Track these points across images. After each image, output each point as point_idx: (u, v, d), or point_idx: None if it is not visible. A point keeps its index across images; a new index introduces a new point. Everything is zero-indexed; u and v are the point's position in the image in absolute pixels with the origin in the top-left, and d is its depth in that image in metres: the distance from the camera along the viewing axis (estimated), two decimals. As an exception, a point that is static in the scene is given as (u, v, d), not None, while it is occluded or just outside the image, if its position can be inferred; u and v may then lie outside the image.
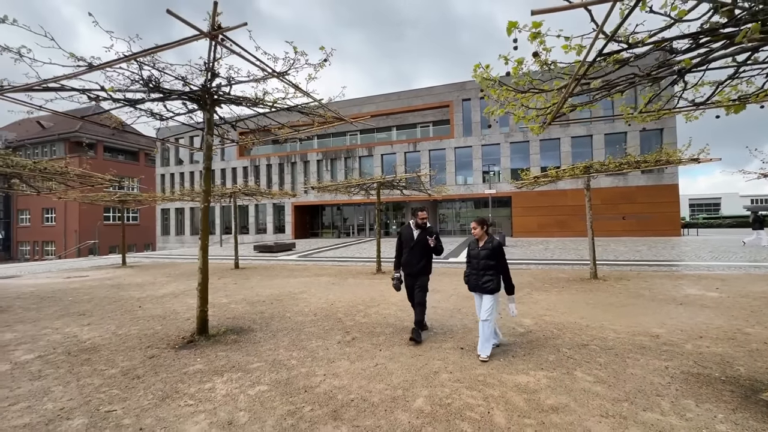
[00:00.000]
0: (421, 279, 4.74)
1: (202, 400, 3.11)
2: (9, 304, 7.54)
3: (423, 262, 4.74)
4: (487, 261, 4.00)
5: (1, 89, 3.81)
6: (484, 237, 4.13)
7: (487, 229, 4.14)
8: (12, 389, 3.42)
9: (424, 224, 4.80)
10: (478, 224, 4.12)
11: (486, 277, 4.01)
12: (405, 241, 4.86)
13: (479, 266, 4.05)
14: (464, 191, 26.44)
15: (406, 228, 4.95)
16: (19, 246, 38.59)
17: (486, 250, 4.03)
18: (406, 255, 4.81)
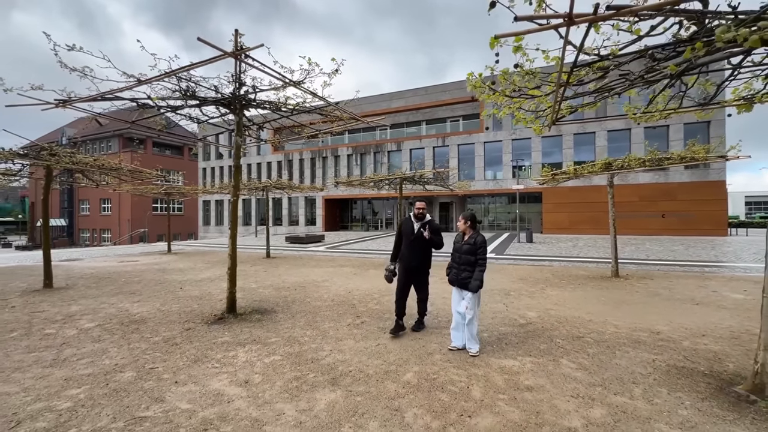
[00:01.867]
0: (420, 276, 4.69)
1: (226, 364, 3.69)
2: (74, 283, 8.69)
3: (422, 256, 4.64)
4: (468, 256, 3.98)
5: (70, 100, 4.56)
6: (470, 232, 4.13)
7: (473, 225, 4.14)
8: (78, 348, 4.19)
9: (423, 215, 4.66)
10: (464, 218, 4.15)
11: (465, 273, 3.98)
12: (405, 234, 4.73)
13: (460, 260, 4.05)
14: (493, 186, 26.15)
15: (406, 221, 4.80)
16: (80, 233, 42.56)
17: (468, 245, 4.02)
18: (405, 248, 4.68)
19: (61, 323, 5.24)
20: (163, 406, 2.88)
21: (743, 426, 2.62)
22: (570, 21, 2.17)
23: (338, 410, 2.82)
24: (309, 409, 2.83)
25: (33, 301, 6.70)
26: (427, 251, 4.70)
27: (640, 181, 22.18)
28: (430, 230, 4.58)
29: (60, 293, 7.45)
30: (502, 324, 5.16)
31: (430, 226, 4.61)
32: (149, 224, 38.24)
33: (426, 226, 4.60)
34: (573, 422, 2.68)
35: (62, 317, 5.57)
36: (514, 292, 7.46)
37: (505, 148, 25.75)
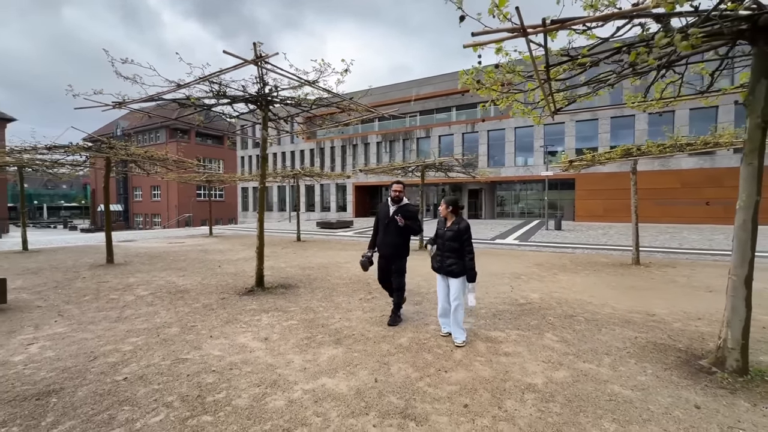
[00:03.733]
0: (397, 262, 4.38)
1: (251, 325, 4.39)
2: (130, 260, 9.95)
3: (398, 242, 4.35)
4: (451, 243, 3.84)
5: (124, 102, 5.38)
6: (452, 218, 3.97)
7: (456, 210, 3.99)
8: (136, 310, 5.08)
9: (400, 198, 4.35)
10: (445, 204, 3.99)
11: (450, 260, 3.84)
12: (381, 218, 4.46)
13: (444, 247, 3.91)
14: (524, 173, 25.67)
15: (383, 204, 4.51)
16: (135, 217, 46.42)
17: (451, 232, 3.86)
18: (380, 233, 4.44)
19: (122, 291, 6.24)
20: (200, 352, 3.60)
21: (692, 391, 2.91)
22: (524, 32, 2.52)
23: (337, 361, 3.41)
24: (313, 360, 3.44)
25: (99, 274, 7.87)
26: (403, 236, 4.39)
27: (682, 166, 20.95)
28: (404, 216, 4.30)
29: (120, 268, 8.64)
30: (502, 303, 5.54)
31: (406, 211, 4.34)
32: (194, 210, 41.02)
33: (401, 212, 4.32)
34: (535, 380, 3.09)
35: (123, 286, 6.59)
36: (524, 276, 7.73)
37: (537, 134, 25.08)
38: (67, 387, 2.90)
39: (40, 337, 4.00)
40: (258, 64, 4.27)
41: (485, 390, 2.91)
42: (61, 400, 2.69)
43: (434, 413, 2.58)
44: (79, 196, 75.78)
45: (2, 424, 2.40)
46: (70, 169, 12.04)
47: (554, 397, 2.81)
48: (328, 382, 3.01)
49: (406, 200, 4.44)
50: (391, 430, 2.38)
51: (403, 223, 4.27)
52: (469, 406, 2.67)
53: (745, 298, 3.09)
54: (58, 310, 5.06)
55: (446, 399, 2.77)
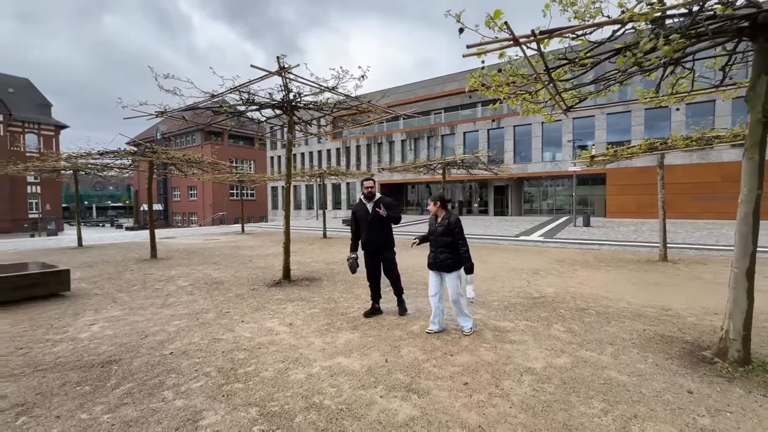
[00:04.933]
0: (386, 255, 4.56)
1: (277, 312, 4.84)
2: (171, 255, 10.80)
3: (384, 234, 4.52)
4: (443, 238, 3.90)
5: (166, 112, 5.98)
6: (442, 213, 4.03)
7: (444, 206, 4.05)
8: (178, 298, 5.67)
9: (372, 195, 4.54)
10: (433, 200, 4.05)
11: (443, 255, 3.91)
12: (360, 219, 4.58)
13: (436, 243, 3.97)
14: (551, 168, 25.09)
15: (358, 204, 4.65)
16: (174, 216, 49.16)
17: (442, 227, 3.93)
18: (365, 233, 4.54)
19: (165, 282, 6.91)
20: (233, 334, 4.07)
21: (689, 378, 3.03)
22: (516, 42, 2.75)
23: (352, 344, 3.76)
24: (332, 342, 3.81)
25: (144, 267, 8.67)
26: (386, 229, 4.56)
27: (724, 158, 19.80)
28: (385, 207, 4.43)
29: (162, 262, 9.44)
30: (516, 297, 5.70)
31: (384, 203, 4.49)
32: (227, 208, 42.95)
33: (380, 205, 4.45)
34: (535, 365, 3.31)
35: (165, 278, 7.28)
36: (543, 271, 7.79)
37: (566, 128, 24.44)
38: (124, 358, 3.42)
39: (100, 319, 4.63)
40: (282, 74, 4.70)
41: (486, 371, 3.17)
42: (120, 368, 3.21)
43: (436, 389, 2.87)
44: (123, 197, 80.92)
45: (77, 383, 2.92)
46: (117, 172, 13.16)
47: (550, 380, 3.02)
48: (343, 361, 3.37)
49: (378, 195, 4.62)
50: (395, 400, 2.70)
51: (386, 213, 4.36)
52: (468, 384, 2.94)
53: (747, 290, 3.16)
54: (113, 298, 5.73)
55: (448, 378, 3.05)
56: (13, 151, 35.43)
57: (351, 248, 4.71)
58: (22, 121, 39.79)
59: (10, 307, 5.20)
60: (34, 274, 5.77)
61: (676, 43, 2.40)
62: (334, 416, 2.49)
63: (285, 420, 2.44)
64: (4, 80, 41.29)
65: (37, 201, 41.19)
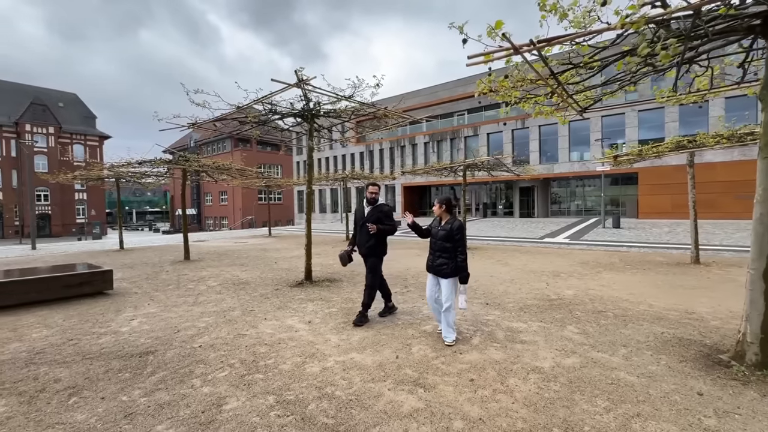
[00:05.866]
0: (370, 260, 4.54)
1: (298, 311, 5.10)
2: (203, 257, 11.41)
3: (372, 242, 4.46)
4: (443, 243, 3.78)
5: (197, 123, 6.43)
6: (446, 217, 3.91)
7: (450, 209, 3.91)
8: (207, 297, 6.07)
9: (374, 200, 4.57)
10: (439, 203, 3.92)
11: (441, 260, 3.79)
12: (357, 220, 4.64)
13: (435, 247, 3.88)
14: (579, 168, 24.36)
15: (359, 206, 4.71)
16: (206, 220, 51.33)
17: (444, 231, 3.81)
18: (358, 235, 4.60)
19: (196, 282, 7.38)
20: (256, 330, 4.35)
21: (701, 381, 3.00)
22: (516, 51, 2.86)
23: (366, 341, 3.94)
24: (347, 339, 4.02)
25: (178, 268, 9.25)
26: (377, 237, 4.51)
27: None
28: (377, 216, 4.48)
29: (195, 263, 10.02)
30: (532, 299, 5.70)
31: (379, 211, 4.52)
32: (255, 212, 44.41)
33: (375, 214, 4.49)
34: (544, 364, 3.36)
35: (197, 278, 7.76)
36: (564, 274, 7.69)
37: (594, 127, 23.67)
38: (159, 350, 3.77)
39: (138, 315, 5.05)
40: (300, 86, 4.99)
41: (493, 369, 3.26)
42: (155, 358, 3.54)
43: (442, 383, 3.00)
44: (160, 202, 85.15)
45: (119, 370, 3.27)
46: (155, 179, 14.05)
47: (557, 378, 3.08)
48: (356, 356, 3.56)
49: (381, 200, 4.65)
50: (402, 393, 2.85)
51: (374, 230, 4.33)
52: (474, 381, 3.05)
53: (764, 291, 3.10)
54: (150, 296, 6.21)
55: (455, 374, 3.17)
56: (62, 161, 38.29)
57: (350, 241, 4.85)
58: (70, 133, 42.92)
59: (62, 303, 5.76)
60: (82, 274, 6.35)
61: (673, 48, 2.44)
62: (343, 405, 2.68)
63: (299, 407, 2.66)
64: (55, 95, 44.71)
65: (83, 207, 44.22)
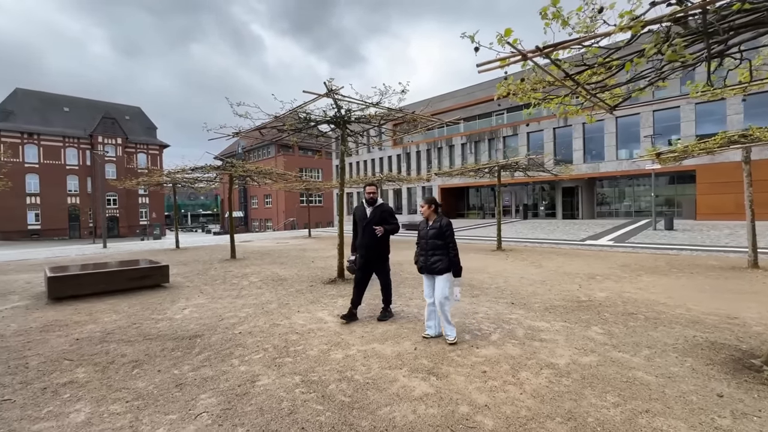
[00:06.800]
0: (379, 262, 4.61)
1: (328, 305, 5.47)
2: (247, 256, 12.26)
3: (377, 241, 4.52)
4: (435, 241, 3.92)
5: (240, 133, 7.05)
6: (433, 216, 4.04)
7: (437, 209, 4.07)
8: (249, 291, 6.62)
9: (374, 200, 4.59)
10: (426, 203, 4.07)
11: (434, 258, 3.91)
12: (359, 221, 4.63)
13: (427, 246, 3.97)
14: (627, 167, 22.95)
15: (359, 206, 4.70)
16: (252, 221, 54.19)
17: (434, 230, 3.95)
18: (360, 236, 4.59)
19: (240, 278, 8.03)
20: (290, 321, 4.76)
21: (725, 383, 2.93)
22: (524, 57, 2.99)
23: (388, 334, 4.19)
24: (370, 331, 4.29)
25: (225, 265, 10.05)
26: (383, 236, 4.57)
27: None
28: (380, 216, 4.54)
29: (240, 261, 10.82)
30: (561, 300, 5.65)
31: (381, 211, 4.57)
32: (297, 214, 46.22)
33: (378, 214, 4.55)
34: (560, 361, 3.42)
35: (241, 275, 8.43)
36: (600, 276, 7.46)
37: (644, 122, 22.22)
38: (205, 334, 4.26)
39: (189, 305, 5.67)
40: (330, 96, 5.37)
41: (507, 363, 3.38)
42: (202, 341, 4.03)
43: (454, 373, 3.18)
44: (212, 205, 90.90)
45: (172, 350, 3.79)
46: (206, 184, 15.26)
47: (570, 374, 3.14)
48: (377, 347, 3.82)
49: (380, 200, 4.68)
50: (415, 380, 3.07)
51: (381, 232, 4.41)
52: (486, 372, 3.20)
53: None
54: (200, 289, 6.89)
55: (469, 366, 3.33)
56: (128, 168, 42.29)
57: (351, 249, 4.83)
58: (135, 143, 47.29)
59: (127, 293, 6.56)
60: (144, 269, 7.17)
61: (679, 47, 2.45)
62: (360, 387, 2.95)
63: (321, 386, 2.96)
64: (122, 109, 49.52)
65: (146, 210, 48.46)
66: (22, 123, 39.96)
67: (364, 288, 4.68)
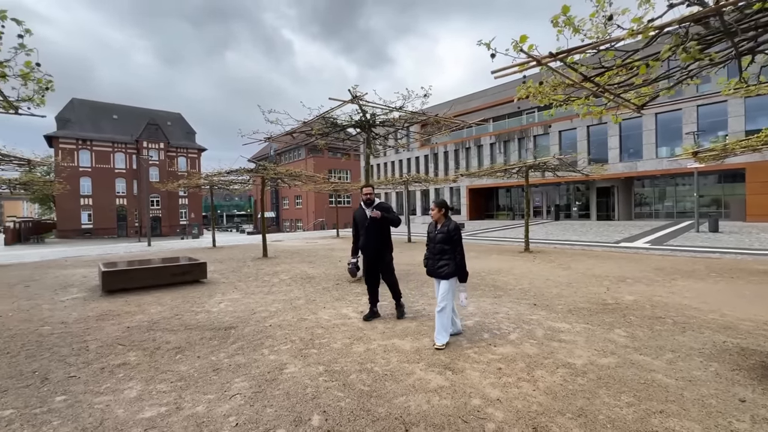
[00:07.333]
0: (383, 262, 4.73)
1: (353, 302, 5.70)
2: (278, 255, 12.79)
3: (381, 239, 4.65)
4: (442, 245, 3.90)
5: (272, 138, 7.46)
6: (442, 219, 4.02)
7: (446, 212, 4.04)
8: (279, 288, 6.99)
9: (371, 201, 4.69)
10: (437, 206, 4.04)
11: (441, 262, 3.89)
12: (359, 222, 4.73)
13: (435, 250, 3.96)
14: (668, 166, 21.76)
15: (358, 209, 4.83)
16: (283, 222, 55.84)
17: (442, 234, 3.92)
18: (363, 237, 4.70)
19: (271, 275, 8.45)
20: (316, 316, 5.03)
21: (749, 389, 2.87)
22: (539, 63, 3.07)
23: (409, 330, 4.36)
24: (392, 328, 4.48)
25: (258, 264, 10.57)
26: (384, 234, 4.71)
27: None
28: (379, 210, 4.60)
29: (271, 260, 11.33)
30: (585, 302, 5.58)
31: (380, 209, 4.64)
32: (326, 215, 47.17)
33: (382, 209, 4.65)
34: (577, 361, 3.45)
35: (272, 272, 8.87)
36: (631, 279, 7.24)
37: (687, 118, 20.98)
38: (239, 326, 4.61)
39: (225, 299, 6.09)
40: (355, 102, 5.61)
41: (522, 361, 3.45)
42: (236, 332, 4.38)
43: (470, 369, 3.30)
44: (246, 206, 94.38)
45: (210, 339, 4.15)
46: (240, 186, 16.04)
47: (586, 374, 3.17)
48: (397, 342, 4.00)
49: (378, 200, 4.82)
50: (431, 374, 3.22)
51: (380, 215, 4.52)
52: (501, 369, 3.29)
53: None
54: (234, 285, 7.34)
55: (485, 363, 3.44)
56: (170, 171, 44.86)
57: (352, 252, 4.95)
58: (176, 147, 50.04)
59: (170, 287, 7.11)
60: (184, 266, 7.73)
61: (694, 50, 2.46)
62: (378, 378, 3.14)
63: (342, 376, 3.18)
64: (164, 115, 52.55)
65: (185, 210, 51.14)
66: (77, 130, 43.37)
67: (376, 288, 4.88)
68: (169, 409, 2.70)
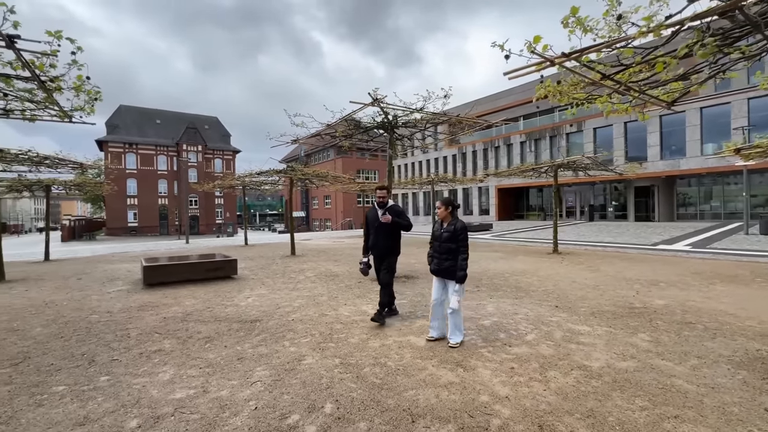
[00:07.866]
0: (388, 259, 4.76)
1: (373, 300, 5.84)
2: (305, 253, 13.18)
3: (389, 242, 4.74)
4: (448, 244, 3.83)
5: (298, 140, 7.75)
6: (449, 218, 3.95)
7: (453, 211, 3.97)
8: (304, 285, 7.26)
9: (385, 203, 4.77)
10: (443, 204, 3.95)
11: (448, 262, 3.84)
12: (371, 223, 4.85)
13: (440, 249, 3.90)
14: (715, 163, 20.34)
15: (371, 210, 4.95)
16: (312, 221, 57.09)
17: (448, 233, 3.87)
18: (372, 236, 4.81)
19: (298, 272, 8.77)
20: (336, 312, 5.22)
21: (778, 398, 2.74)
22: (553, 63, 3.08)
23: (424, 328, 4.43)
24: (409, 325, 4.57)
25: (286, 261, 10.97)
26: (394, 236, 4.79)
27: None
28: (390, 213, 4.63)
29: (299, 258, 11.71)
30: (611, 305, 5.42)
31: (392, 211, 4.71)
32: (354, 215, 47.74)
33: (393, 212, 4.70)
34: (593, 364, 3.40)
35: (298, 270, 9.19)
36: (664, 283, 6.93)
37: (737, 112, 19.53)
38: (264, 319, 4.88)
39: (253, 295, 6.42)
40: (376, 104, 5.76)
41: (536, 362, 3.45)
42: (261, 324, 4.64)
43: (482, 367, 3.34)
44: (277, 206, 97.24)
45: (237, 330, 4.43)
46: (271, 186, 16.66)
47: (601, 377, 3.13)
48: (412, 339, 4.09)
49: (391, 202, 4.86)
50: (443, 370, 3.29)
51: (390, 220, 4.54)
52: (514, 369, 3.31)
53: None
54: (262, 281, 7.70)
55: (498, 362, 3.47)
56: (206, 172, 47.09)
57: (363, 251, 4.97)
58: (212, 149, 52.43)
59: (204, 282, 7.57)
60: (217, 262, 8.19)
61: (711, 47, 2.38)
62: (391, 372, 3.26)
63: (356, 369, 3.33)
64: (202, 119, 55.20)
65: (221, 210, 53.47)
66: (124, 135, 46.47)
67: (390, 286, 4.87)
68: (197, 392, 2.95)
